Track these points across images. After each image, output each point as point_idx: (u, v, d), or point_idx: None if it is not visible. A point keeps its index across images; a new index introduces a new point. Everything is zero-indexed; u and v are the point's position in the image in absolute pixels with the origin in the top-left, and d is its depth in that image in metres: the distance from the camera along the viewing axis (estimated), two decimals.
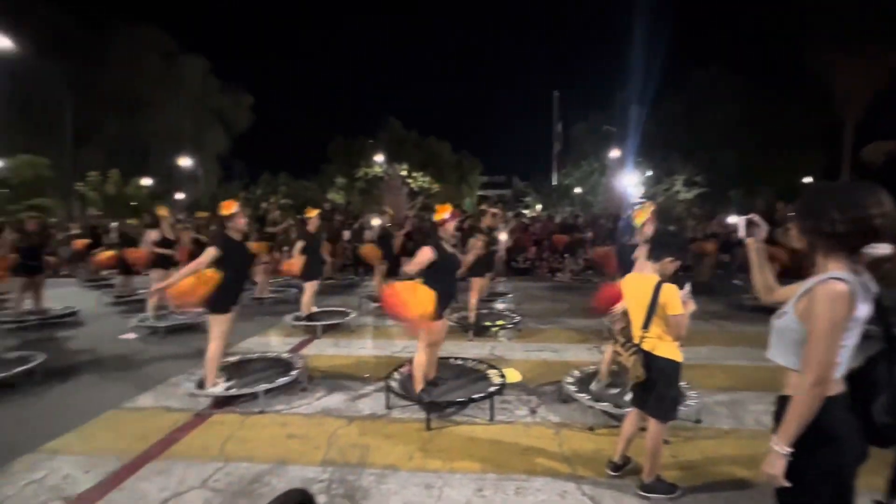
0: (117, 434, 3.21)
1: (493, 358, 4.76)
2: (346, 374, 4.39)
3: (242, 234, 3.85)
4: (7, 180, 17.96)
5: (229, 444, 3.04)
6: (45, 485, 2.59)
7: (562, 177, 31.57)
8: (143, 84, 23.84)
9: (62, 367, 4.60)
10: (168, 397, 3.84)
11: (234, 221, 3.72)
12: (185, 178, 26.57)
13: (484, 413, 3.45)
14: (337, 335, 5.86)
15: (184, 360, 4.81)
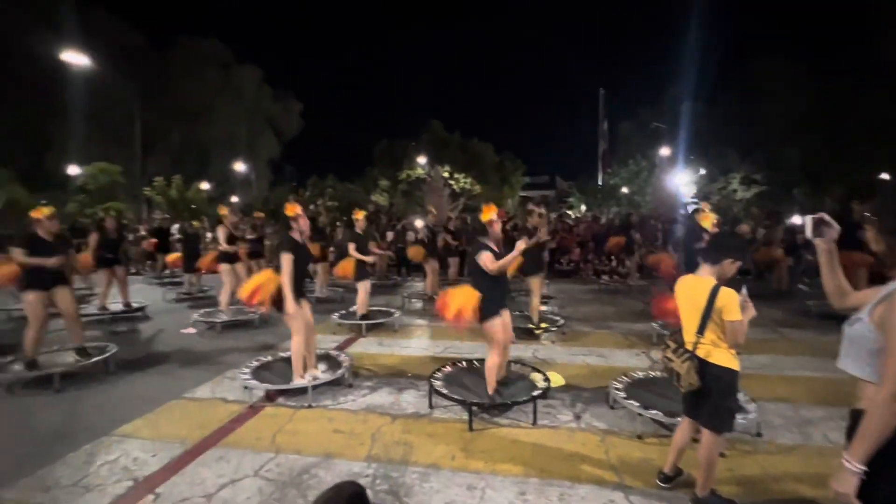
0: (180, 422, 3.43)
1: (535, 361, 4.70)
2: (390, 373, 4.48)
3: (304, 235, 4.01)
4: (86, 186, 19.67)
5: (280, 436, 3.18)
6: (118, 466, 2.82)
7: (608, 176, 30.63)
8: (204, 94, 25.42)
9: (132, 358, 4.97)
10: (224, 389, 4.07)
11: (297, 223, 3.88)
12: (239, 182, 28.06)
13: (527, 416, 3.41)
14: (381, 334, 5.98)
15: (238, 355, 5.08)
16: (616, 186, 27.34)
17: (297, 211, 3.91)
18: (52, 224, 4.39)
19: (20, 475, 2.70)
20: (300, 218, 3.90)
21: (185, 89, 25.06)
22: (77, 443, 3.10)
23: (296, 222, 3.89)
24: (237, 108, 27.06)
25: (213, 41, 26.65)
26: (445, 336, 5.83)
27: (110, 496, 2.50)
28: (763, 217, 10.98)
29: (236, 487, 2.57)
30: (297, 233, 3.90)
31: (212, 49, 26.57)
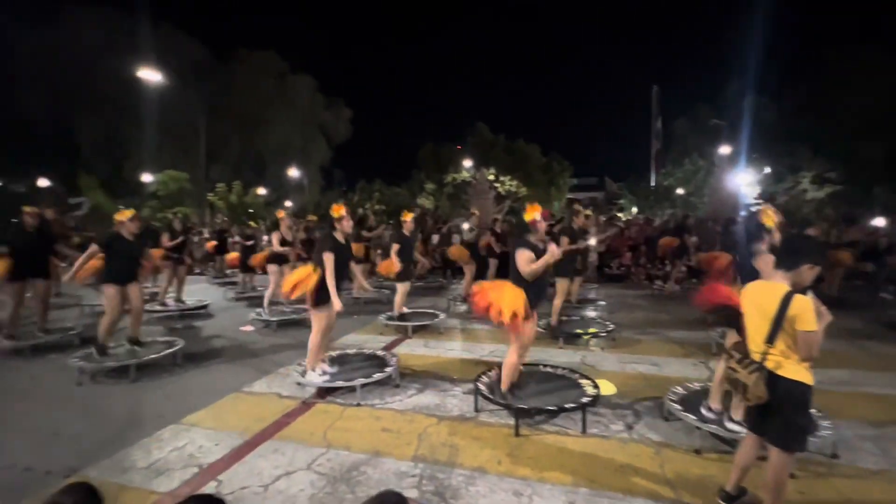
0: (239, 414, 3.63)
1: (584, 367, 4.57)
2: (436, 374, 4.51)
3: (346, 236, 4.15)
4: (157, 192, 21.33)
5: (331, 432, 3.28)
6: (185, 452, 3.02)
7: (661, 177, 29.34)
8: (261, 104, 26.83)
9: (196, 352, 5.32)
10: (279, 385, 4.25)
11: (341, 224, 4.04)
12: (293, 187, 29.36)
13: (575, 424, 3.32)
14: (427, 336, 6.04)
15: (291, 351, 5.30)
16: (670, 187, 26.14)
17: (341, 212, 4.06)
18: (132, 225, 4.82)
19: (102, 456, 2.96)
20: (344, 219, 4.05)
21: (245, 100, 26.58)
22: (149, 429, 3.35)
23: (339, 223, 4.04)
24: (292, 117, 28.36)
25: (270, 53, 28.10)
26: (489, 339, 5.80)
27: (178, 480, 2.68)
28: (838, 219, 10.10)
29: (290, 479, 2.68)
30: (339, 233, 4.05)
31: (269, 61, 28.01)
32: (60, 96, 23.84)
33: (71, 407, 3.82)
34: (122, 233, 4.78)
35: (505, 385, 3.47)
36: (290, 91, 28.40)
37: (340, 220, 4.05)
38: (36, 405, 3.87)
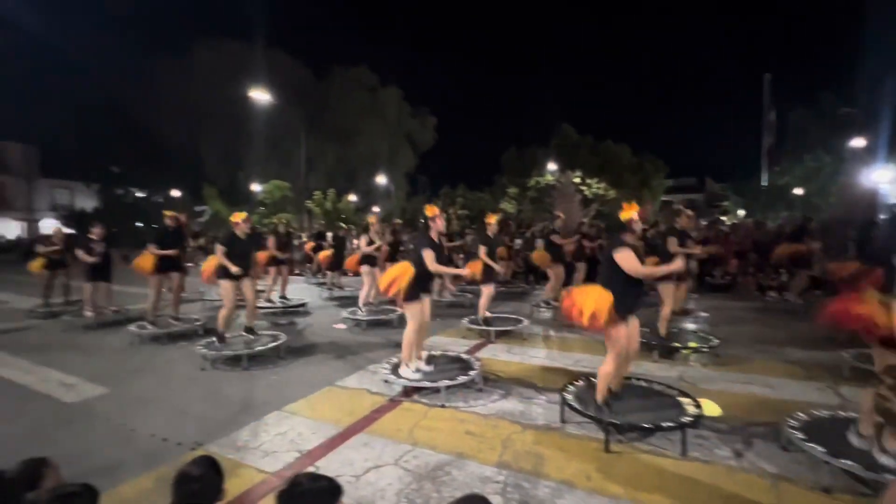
0: (333, 406, 3.88)
1: (683, 384, 4.20)
2: (520, 381, 4.44)
3: (439, 235, 4.29)
4: (264, 200, 23.71)
5: (417, 430, 3.38)
6: (287, 438, 3.30)
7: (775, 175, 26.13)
8: (354, 117, 28.67)
9: (296, 346, 5.80)
10: (368, 381, 4.48)
11: (434, 223, 4.21)
12: (381, 194, 30.89)
13: (673, 445, 3.06)
14: (510, 341, 5.97)
15: (380, 350, 5.56)
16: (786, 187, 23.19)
17: (434, 212, 4.21)
18: (245, 225, 5.41)
19: (220, 434, 3.34)
20: (437, 218, 4.20)
21: (339, 113, 28.61)
22: (257, 413, 3.72)
23: (433, 222, 4.19)
24: (380, 127, 29.95)
25: (362, 69, 29.96)
26: (576, 348, 5.58)
27: (282, 462, 2.93)
28: None
29: (379, 472, 2.80)
30: (434, 232, 4.19)
31: (361, 76, 29.88)
32: (190, 119, 27.63)
33: (196, 388, 4.37)
34: (236, 232, 5.39)
35: (600, 395, 3.29)
36: (379, 103, 30.01)
37: (434, 219, 4.21)
38: (169, 384, 4.48)
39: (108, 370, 4.87)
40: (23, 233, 32.47)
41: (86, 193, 31.87)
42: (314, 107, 27.79)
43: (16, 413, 3.80)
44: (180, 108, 27.67)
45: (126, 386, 4.41)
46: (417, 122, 33.13)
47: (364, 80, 29.92)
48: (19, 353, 5.53)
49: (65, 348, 5.78)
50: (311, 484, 1.49)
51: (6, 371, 4.86)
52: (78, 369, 4.86)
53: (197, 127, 27.83)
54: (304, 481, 1.50)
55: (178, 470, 1.68)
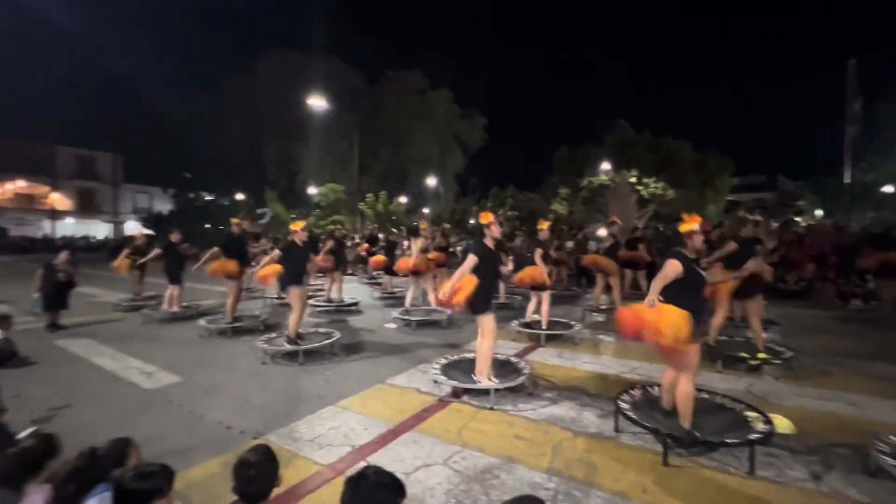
0: (384, 404, 3.97)
1: (751, 397, 3.91)
2: (571, 387, 4.33)
3: (495, 242, 4.23)
4: (320, 203, 24.70)
5: (465, 431, 3.39)
6: (340, 432, 3.41)
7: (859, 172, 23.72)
8: (405, 119, 29.25)
9: (349, 343, 5.99)
10: (418, 380, 4.54)
11: (489, 229, 4.14)
12: (431, 195, 31.26)
13: (739, 462, 2.86)
14: (560, 346, 5.84)
15: (428, 350, 5.62)
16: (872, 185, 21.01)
17: (489, 218, 4.15)
18: (303, 234, 5.66)
19: (279, 425, 3.52)
20: (492, 225, 4.13)
21: (391, 116, 29.28)
22: (313, 407, 3.88)
23: (488, 229, 4.12)
24: (431, 129, 30.33)
25: (413, 72, 30.49)
26: (631, 355, 5.35)
27: (336, 456, 3.04)
28: None
29: (429, 471, 2.83)
30: (489, 239, 4.13)
31: (412, 79, 30.42)
32: (253, 127, 29.38)
33: (257, 381, 4.63)
34: (295, 240, 5.64)
35: (688, 420, 3.02)
36: (429, 105, 30.41)
37: (489, 226, 4.13)
38: (234, 376, 4.77)
39: (181, 361, 5.27)
40: (110, 233, 35.95)
41: (162, 197, 34.74)
42: (367, 111, 28.67)
43: (105, 397, 4.21)
44: (245, 117, 29.52)
45: (196, 376, 4.75)
46: (467, 123, 33.20)
47: (415, 83, 30.43)
48: (107, 342, 6.12)
49: (144, 339, 6.32)
50: (378, 478, 1.53)
51: (97, 358, 5.39)
52: (155, 359, 5.30)
53: (260, 134, 29.54)
54: (372, 475, 1.54)
55: (238, 457, 1.79)
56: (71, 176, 35.75)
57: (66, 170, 35.56)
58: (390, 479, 1.55)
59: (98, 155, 37.27)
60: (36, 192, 34.43)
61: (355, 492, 1.51)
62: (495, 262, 4.21)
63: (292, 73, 27.08)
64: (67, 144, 35.34)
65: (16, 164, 32.62)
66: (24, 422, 3.17)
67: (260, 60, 29.74)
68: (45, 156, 34.42)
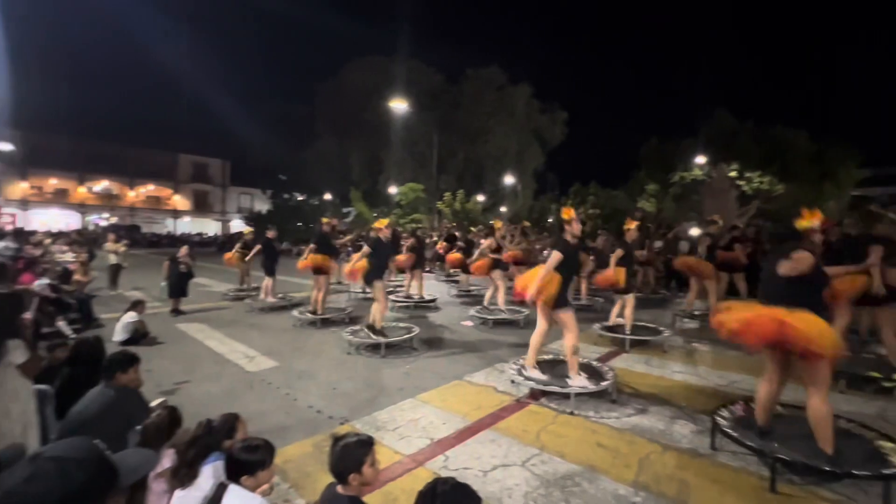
0: (461, 400, 4.01)
1: (885, 425, 3.36)
2: (659, 397, 4.04)
3: (575, 239, 4.12)
4: (400, 202, 25.58)
5: (544, 434, 3.31)
6: (420, 424, 3.51)
7: None
8: (483, 117, 29.27)
9: (427, 339, 6.13)
10: (495, 379, 4.53)
11: (570, 226, 4.05)
12: (508, 193, 30.97)
13: (868, 498, 2.48)
14: (647, 352, 5.48)
15: (506, 350, 5.58)
16: None
17: (570, 215, 4.04)
18: (387, 231, 5.94)
19: (363, 413, 3.71)
20: (573, 222, 4.02)
21: (469, 114, 29.46)
22: (394, 398, 4.03)
23: (569, 225, 4.02)
24: (509, 126, 30.04)
25: (492, 69, 30.39)
26: (731, 367, 4.87)
27: (415, 447, 3.13)
28: None
29: (506, 472, 2.81)
30: (569, 235, 4.02)
31: (491, 76, 30.32)
32: (340, 130, 31.21)
33: (343, 369, 4.92)
34: (380, 237, 5.91)
35: (829, 445, 2.62)
36: (508, 101, 30.12)
37: (570, 222, 4.04)
38: (322, 364, 5.11)
39: (278, 347, 5.76)
40: (218, 230, 40.36)
41: (262, 198, 38.25)
42: (446, 109, 29.12)
43: (215, 375, 4.73)
44: (333, 122, 31.46)
45: (290, 361, 5.16)
46: (546, 118, 32.37)
47: (494, 79, 30.30)
48: (217, 327, 6.87)
49: (247, 326, 7.00)
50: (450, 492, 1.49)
51: (209, 341, 6.08)
52: (257, 344, 5.85)
53: (346, 136, 31.32)
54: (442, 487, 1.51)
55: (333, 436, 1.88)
56: (189, 180, 40.79)
57: (185, 175, 40.65)
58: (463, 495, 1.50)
59: (210, 161, 42.08)
60: (162, 194, 39.75)
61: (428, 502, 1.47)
62: (575, 259, 4.12)
63: (376, 77, 28.38)
64: (186, 152, 40.32)
65: (147, 170, 38.05)
66: (154, 393, 3.67)
67: (346, 66, 31.48)
68: (169, 163, 39.65)
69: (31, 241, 11.26)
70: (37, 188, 34.25)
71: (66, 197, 35.35)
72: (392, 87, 23.31)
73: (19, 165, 32.63)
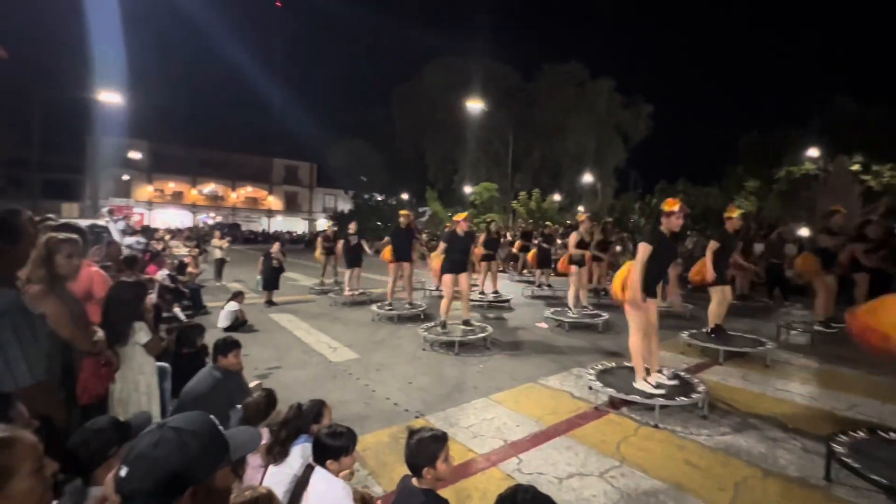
0: (536, 403, 3.93)
1: None
2: (759, 416, 3.64)
3: (671, 233, 3.87)
4: (474, 201, 25.68)
5: (625, 446, 3.13)
6: (493, 424, 3.49)
7: None
8: (561, 113, 28.41)
9: (501, 339, 6.09)
10: (571, 384, 4.37)
11: (669, 218, 3.81)
12: (586, 192, 29.78)
13: None
14: (745, 366, 4.96)
15: (583, 354, 5.37)
16: None
17: (674, 207, 3.79)
18: (465, 224, 6.01)
19: (437, 409, 3.77)
20: (673, 215, 3.77)
21: (546, 111, 28.76)
22: (467, 396, 4.05)
23: (667, 217, 3.79)
24: (588, 121, 28.85)
25: (571, 64, 29.39)
26: (851, 388, 4.26)
27: (489, 447, 3.12)
28: None
29: (583, 481, 2.70)
30: (665, 227, 3.80)
31: (570, 71, 29.34)
32: (417, 130, 32.06)
33: (418, 364, 5.05)
34: (456, 231, 5.98)
35: None
36: (588, 96, 28.95)
37: (670, 214, 3.79)
38: (399, 358, 5.29)
39: (358, 340, 6.06)
40: (306, 229, 43.45)
41: (344, 198, 40.54)
42: (522, 107, 28.69)
43: (302, 363, 5.10)
44: (410, 123, 32.40)
45: (370, 354, 5.41)
46: (630, 112, 30.62)
47: (573, 74, 29.28)
48: (305, 318, 7.40)
49: (331, 319, 7.45)
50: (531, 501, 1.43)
51: (297, 331, 6.56)
52: (339, 336, 6.21)
53: (423, 137, 32.11)
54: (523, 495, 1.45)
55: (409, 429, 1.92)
56: (281, 182, 44.49)
57: (278, 177, 44.39)
58: None
59: (300, 164, 45.51)
60: (258, 195, 43.73)
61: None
62: (668, 255, 3.88)
63: (451, 78, 28.71)
64: (279, 157, 43.96)
65: (246, 174, 42.16)
66: (250, 376, 4.04)
67: (424, 68, 32.25)
68: (265, 167, 43.54)
69: (154, 237, 12.95)
70: (159, 191, 39.41)
71: (181, 198, 40.29)
72: (467, 87, 23.48)
73: (146, 171, 37.86)
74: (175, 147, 38.45)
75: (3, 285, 1.83)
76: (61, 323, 2.11)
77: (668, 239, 3.84)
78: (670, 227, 3.80)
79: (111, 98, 17.96)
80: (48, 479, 1.06)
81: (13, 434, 0.99)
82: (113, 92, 17.88)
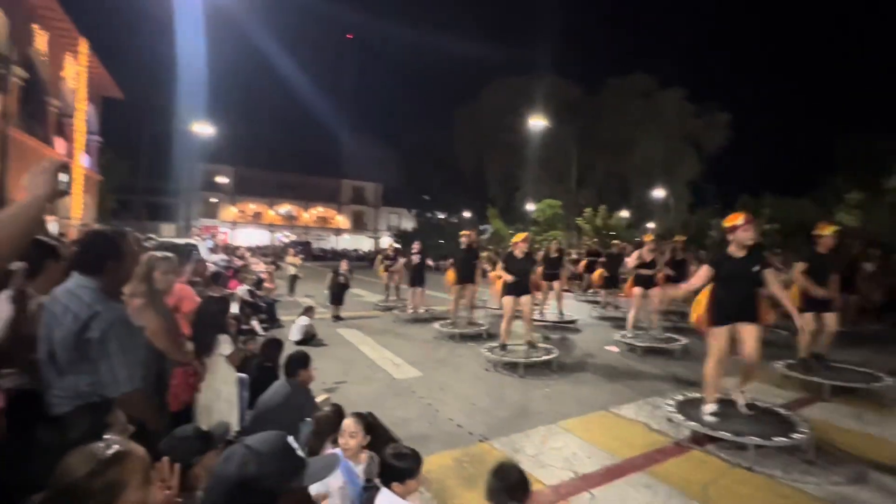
0: (608, 434, 3.67)
1: None
2: (880, 465, 3.13)
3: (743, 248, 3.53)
4: (537, 219, 25.25)
5: (713, 489, 2.81)
6: (561, 454, 3.30)
7: None
8: (627, 126, 27.39)
9: (568, 363, 5.82)
10: (647, 415, 4.05)
11: (734, 234, 3.50)
12: (657, 208, 28.24)
13: None
14: (857, 404, 4.33)
15: (659, 382, 4.99)
16: None
17: (736, 221, 3.48)
18: (524, 245, 5.87)
19: (501, 433, 3.64)
20: (738, 229, 3.46)
21: (611, 125, 27.86)
22: (533, 422, 3.88)
23: (733, 233, 3.48)
24: (656, 133, 27.52)
25: (637, 75, 28.37)
26: None
27: (557, 479, 2.94)
28: None
29: None
30: (734, 246, 3.49)
31: (636, 82, 28.31)
32: (478, 150, 32.36)
33: (482, 385, 4.94)
34: (514, 253, 5.86)
35: None
36: (656, 107, 27.71)
37: (734, 229, 3.50)
38: (462, 378, 5.21)
39: (421, 357, 6.08)
40: (371, 247, 45.09)
41: (407, 217, 41.65)
42: (585, 122, 28.02)
43: (367, 378, 5.18)
44: (471, 142, 32.79)
45: (432, 372, 5.39)
46: (703, 122, 28.82)
47: (639, 86, 28.22)
48: (369, 334, 7.57)
49: (394, 335, 7.56)
50: None
51: (363, 346, 6.72)
52: (403, 353, 6.26)
53: (484, 155, 32.33)
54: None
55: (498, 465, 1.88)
56: (349, 202, 46.71)
57: (346, 197, 46.68)
58: None
59: (366, 185, 47.60)
60: (328, 214, 46.19)
61: None
62: (739, 277, 3.48)
63: (512, 96, 28.77)
64: (347, 178, 46.32)
65: (317, 195, 44.85)
66: (318, 389, 4.16)
67: (483, 90, 32.63)
68: (334, 188, 46.03)
69: (236, 255, 14.03)
70: (241, 212, 42.89)
71: (260, 218, 43.55)
72: (528, 104, 23.35)
73: (231, 194, 41.47)
74: (256, 171, 41.87)
75: (112, 299, 2.02)
76: (158, 334, 2.29)
77: (741, 259, 3.49)
78: (741, 242, 3.47)
79: (204, 129, 20.02)
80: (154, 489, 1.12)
81: (125, 448, 1.05)
82: (204, 123, 19.94)
